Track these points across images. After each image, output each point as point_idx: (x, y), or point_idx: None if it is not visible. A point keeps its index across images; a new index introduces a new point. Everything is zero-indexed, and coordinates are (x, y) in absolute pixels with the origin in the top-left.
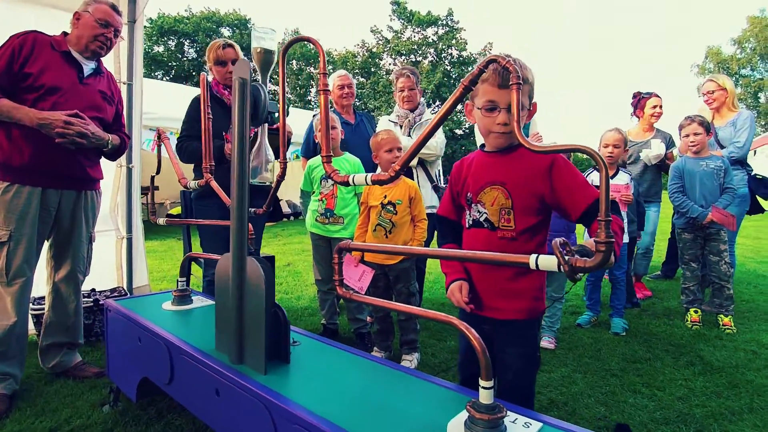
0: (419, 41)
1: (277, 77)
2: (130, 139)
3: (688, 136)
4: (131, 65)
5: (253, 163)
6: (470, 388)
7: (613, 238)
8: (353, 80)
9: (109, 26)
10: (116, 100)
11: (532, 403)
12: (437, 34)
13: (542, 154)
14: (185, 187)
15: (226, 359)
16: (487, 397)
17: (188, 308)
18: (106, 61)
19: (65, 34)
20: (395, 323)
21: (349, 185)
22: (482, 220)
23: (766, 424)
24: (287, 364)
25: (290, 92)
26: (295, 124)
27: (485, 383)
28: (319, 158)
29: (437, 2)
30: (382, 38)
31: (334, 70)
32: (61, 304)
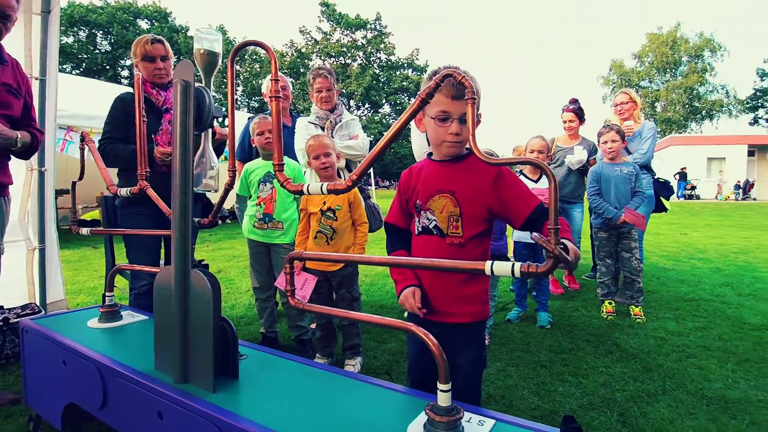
0: (348, 44)
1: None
2: (43, 134)
3: (606, 142)
4: (44, 60)
5: (195, 170)
6: (420, 390)
7: (562, 244)
8: (289, 82)
9: None
10: (24, 91)
11: (479, 400)
12: (366, 37)
13: (492, 165)
14: (115, 194)
15: (168, 379)
16: (445, 399)
17: (118, 325)
18: (14, 55)
19: None
20: (338, 329)
21: (302, 194)
22: (432, 227)
23: (678, 403)
24: (236, 379)
25: (216, 91)
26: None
27: (444, 386)
28: (256, 162)
29: (366, 6)
30: (311, 39)
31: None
32: None
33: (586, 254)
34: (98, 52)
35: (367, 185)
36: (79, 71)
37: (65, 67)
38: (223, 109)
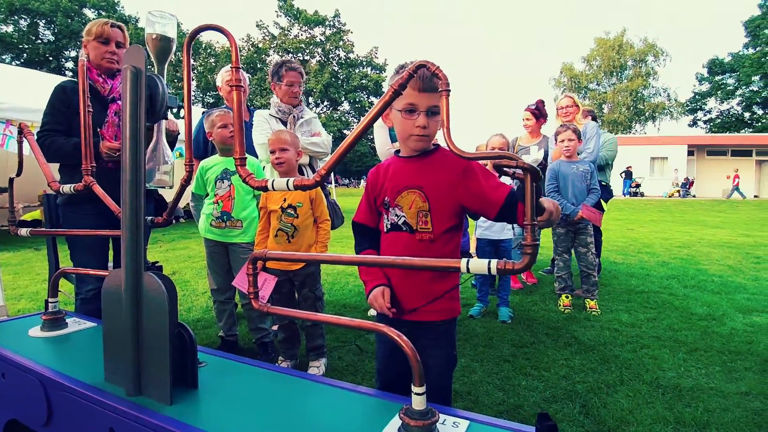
0: (307, 40)
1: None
2: None
3: (563, 141)
4: None
5: (147, 164)
6: (390, 392)
7: (538, 241)
8: (245, 75)
9: None
10: None
11: (450, 400)
12: (324, 34)
13: (463, 159)
14: (57, 191)
15: (120, 391)
16: (420, 403)
17: (63, 333)
18: None
19: None
20: (301, 329)
21: (267, 190)
22: (401, 223)
23: (635, 393)
24: (195, 389)
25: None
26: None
27: (418, 389)
28: (213, 159)
29: (324, 3)
30: (268, 34)
31: (217, 63)
32: None
33: (544, 250)
34: (40, 42)
35: (326, 183)
36: (19, 62)
37: (4, 57)
38: (177, 99)
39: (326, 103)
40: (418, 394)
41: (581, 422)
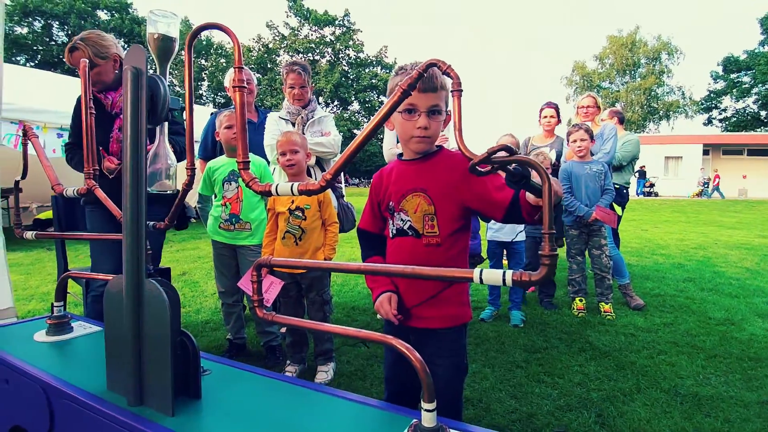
0: (316, 40)
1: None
2: None
3: (575, 141)
4: None
5: (150, 168)
6: (398, 402)
7: (556, 251)
8: (253, 76)
9: None
10: None
11: (461, 412)
12: (334, 34)
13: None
14: (60, 194)
15: (122, 401)
16: (430, 419)
17: (68, 338)
18: None
19: None
20: (309, 332)
21: (271, 195)
22: (406, 228)
23: (653, 402)
24: (198, 399)
25: (179, 85)
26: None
27: (428, 405)
28: (220, 159)
29: (334, 2)
30: (278, 34)
31: (228, 63)
32: None
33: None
34: (54, 43)
35: (338, 184)
36: (33, 63)
37: (19, 58)
38: (180, 100)
39: (336, 102)
40: (428, 410)
41: None
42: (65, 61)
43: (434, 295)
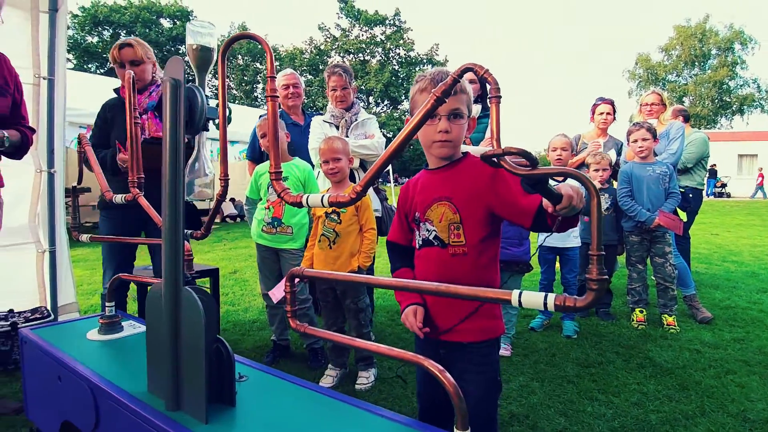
0: (367, 40)
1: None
2: (34, 132)
3: (636, 141)
4: (52, 58)
5: (188, 177)
6: (431, 417)
7: (606, 275)
8: (300, 79)
9: None
10: (12, 88)
11: (495, 431)
12: (385, 33)
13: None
14: (110, 201)
15: (160, 404)
16: None
17: (117, 337)
18: (19, 55)
19: None
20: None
21: (302, 206)
22: (432, 237)
23: (718, 427)
24: (232, 407)
25: (236, 88)
26: (242, 122)
27: None
28: (267, 164)
29: (385, 2)
30: (330, 36)
31: (281, 66)
32: None
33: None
34: None
35: (386, 183)
36: (103, 71)
37: (89, 66)
38: (218, 110)
39: (386, 102)
40: None
41: None
42: (112, 57)
43: (467, 315)
